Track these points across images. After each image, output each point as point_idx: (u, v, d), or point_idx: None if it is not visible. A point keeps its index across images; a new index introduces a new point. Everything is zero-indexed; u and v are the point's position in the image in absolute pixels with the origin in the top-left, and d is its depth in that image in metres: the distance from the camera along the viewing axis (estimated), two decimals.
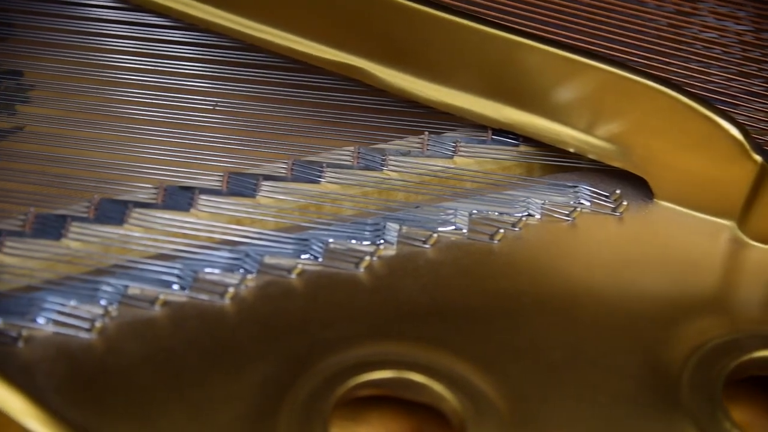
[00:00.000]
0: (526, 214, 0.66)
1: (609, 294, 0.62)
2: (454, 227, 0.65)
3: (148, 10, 0.74)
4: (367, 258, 0.63)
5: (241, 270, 0.61)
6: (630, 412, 0.56)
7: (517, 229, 0.65)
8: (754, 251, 0.65)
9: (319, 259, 0.62)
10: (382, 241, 0.64)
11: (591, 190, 0.68)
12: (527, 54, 0.67)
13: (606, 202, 0.67)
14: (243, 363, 0.57)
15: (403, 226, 0.65)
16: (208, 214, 0.64)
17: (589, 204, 0.67)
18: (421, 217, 0.66)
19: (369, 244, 0.64)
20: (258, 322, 0.59)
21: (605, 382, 0.57)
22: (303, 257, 0.62)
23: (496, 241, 0.64)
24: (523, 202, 0.67)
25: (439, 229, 0.65)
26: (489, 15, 0.73)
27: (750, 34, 0.76)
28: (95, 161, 0.67)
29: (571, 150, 0.68)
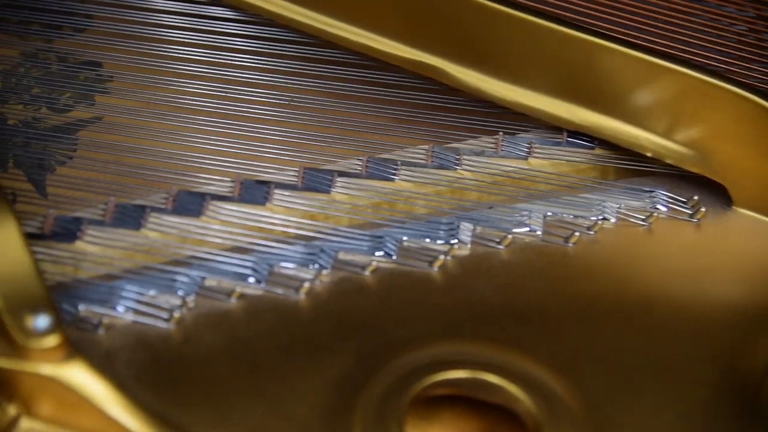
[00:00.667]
0: (601, 217, 0.66)
1: (685, 301, 0.62)
2: (528, 229, 0.65)
3: (227, 5, 0.75)
4: (441, 257, 0.63)
5: (316, 265, 0.62)
6: (708, 422, 0.55)
7: (593, 233, 0.65)
8: None
9: (393, 257, 0.63)
10: (456, 241, 0.64)
11: (668, 195, 0.67)
12: (607, 56, 0.66)
13: (683, 207, 0.67)
14: (318, 358, 0.57)
15: (477, 226, 0.65)
16: (283, 208, 0.65)
17: (666, 209, 0.66)
18: (495, 218, 0.65)
19: (443, 243, 0.64)
20: (332, 317, 0.59)
21: (682, 389, 0.57)
22: (377, 254, 0.63)
23: (570, 244, 0.64)
24: (598, 205, 0.66)
25: (514, 230, 0.65)
26: (565, 17, 0.72)
27: None
28: (172, 153, 0.68)
29: (649, 154, 0.68)
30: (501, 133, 0.70)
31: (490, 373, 0.57)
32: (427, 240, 0.64)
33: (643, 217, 0.66)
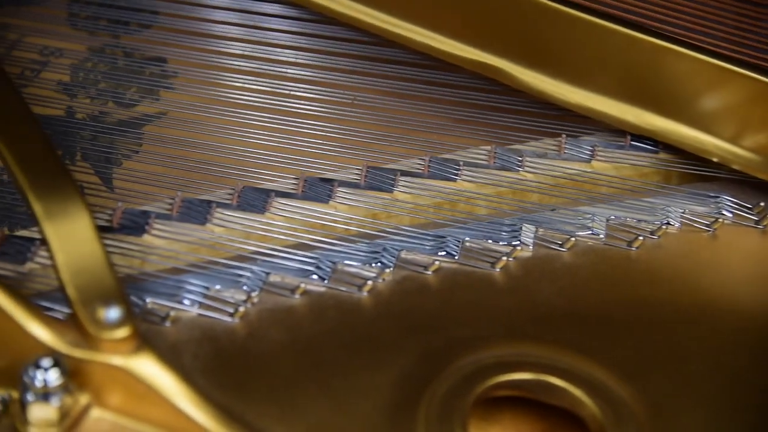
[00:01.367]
0: (665, 222, 0.65)
1: (751, 308, 0.61)
2: (591, 232, 0.65)
3: (291, 3, 0.76)
4: (504, 258, 0.63)
5: (379, 264, 0.62)
6: None
7: (656, 238, 0.64)
8: None
9: (456, 257, 0.63)
10: (518, 242, 0.64)
11: (733, 201, 0.66)
12: (675, 60, 0.66)
13: (749, 214, 0.66)
14: (381, 356, 0.57)
15: (540, 228, 0.65)
16: (345, 206, 0.65)
17: (731, 215, 0.66)
18: (558, 220, 0.65)
19: (505, 244, 0.64)
20: (394, 316, 0.60)
21: (748, 398, 0.56)
22: (439, 254, 0.63)
23: (634, 248, 0.64)
24: (662, 210, 0.66)
25: (577, 233, 0.64)
26: (631, 19, 0.72)
27: None
28: (235, 149, 0.68)
29: (714, 160, 0.67)
30: (564, 136, 0.70)
31: (554, 376, 0.56)
32: (490, 241, 0.64)
33: (708, 223, 0.65)
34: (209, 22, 0.77)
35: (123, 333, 0.52)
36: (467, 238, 0.63)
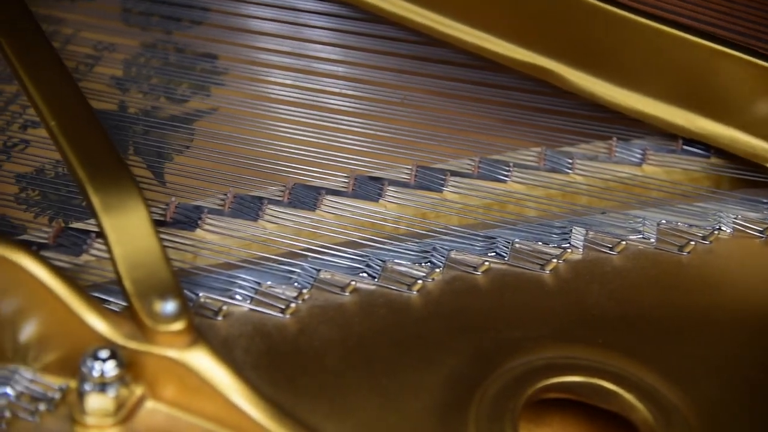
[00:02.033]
0: (717, 227, 0.65)
1: None
2: (641, 236, 0.64)
3: (341, 2, 0.76)
4: (554, 260, 0.63)
5: (429, 263, 0.62)
6: None
7: (708, 243, 0.64)
8: None
9: (506, 258, 0.63)
10: (568, 245, 0.64)
11: None
12: (728, 64, 0.65)
13: None
14: (431, 355, 0.57)
15: (590, 230, 0.64)
16: (395, 205, 0.65)
17: None
18: (608, 223, 0.65)
19: (555, 246, 0.63)
20: (444, 315, 0.60)
21: None
22: (489, 255, 0.63)
23: (685, 253, 0.63)
24: (714, 215, 0.66)
25: (627, 237, 0.64)
26: (683, 22, 0.71)
27: None
28: (286, 146, 0.68)
29: (767, 165, 0.67)
30: (614, 139, 0.70)
31: (605, 380, 0.56)
32: (539, 243, 0.63)
33: (761, 230, 0.65)
34: (259, 19, 0.77)
35: (179, 326, 0.53)
36: (517, 239, 0.63)
